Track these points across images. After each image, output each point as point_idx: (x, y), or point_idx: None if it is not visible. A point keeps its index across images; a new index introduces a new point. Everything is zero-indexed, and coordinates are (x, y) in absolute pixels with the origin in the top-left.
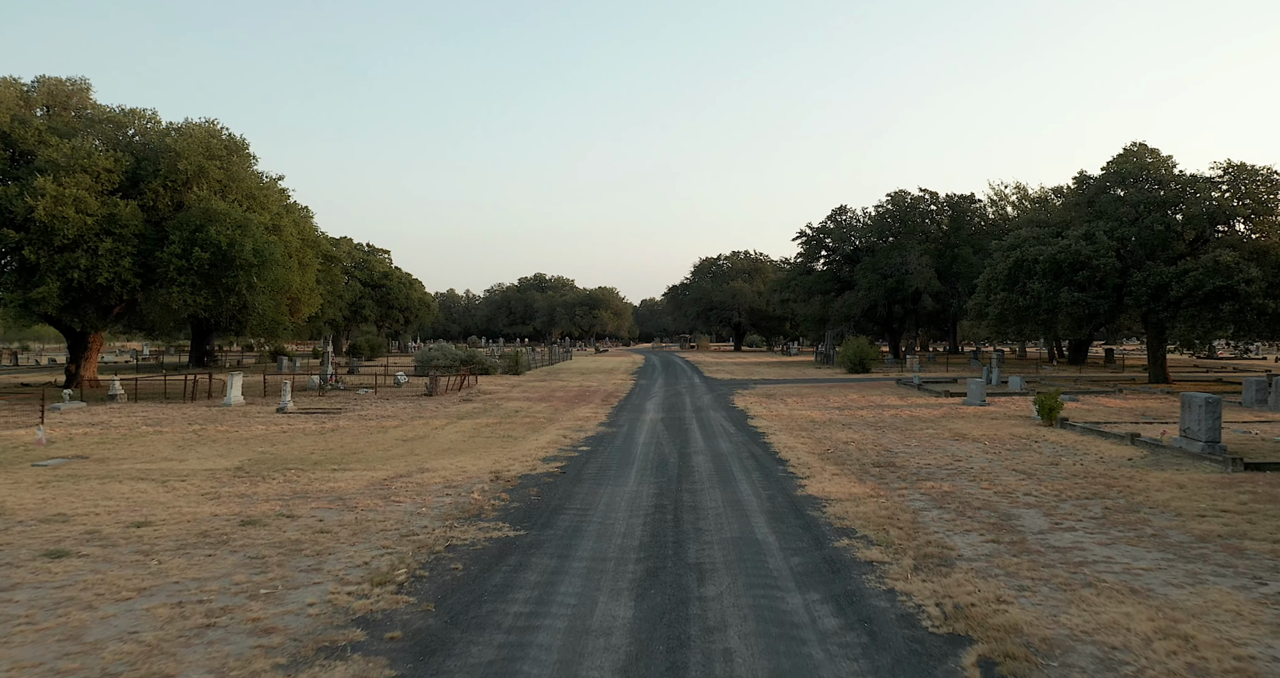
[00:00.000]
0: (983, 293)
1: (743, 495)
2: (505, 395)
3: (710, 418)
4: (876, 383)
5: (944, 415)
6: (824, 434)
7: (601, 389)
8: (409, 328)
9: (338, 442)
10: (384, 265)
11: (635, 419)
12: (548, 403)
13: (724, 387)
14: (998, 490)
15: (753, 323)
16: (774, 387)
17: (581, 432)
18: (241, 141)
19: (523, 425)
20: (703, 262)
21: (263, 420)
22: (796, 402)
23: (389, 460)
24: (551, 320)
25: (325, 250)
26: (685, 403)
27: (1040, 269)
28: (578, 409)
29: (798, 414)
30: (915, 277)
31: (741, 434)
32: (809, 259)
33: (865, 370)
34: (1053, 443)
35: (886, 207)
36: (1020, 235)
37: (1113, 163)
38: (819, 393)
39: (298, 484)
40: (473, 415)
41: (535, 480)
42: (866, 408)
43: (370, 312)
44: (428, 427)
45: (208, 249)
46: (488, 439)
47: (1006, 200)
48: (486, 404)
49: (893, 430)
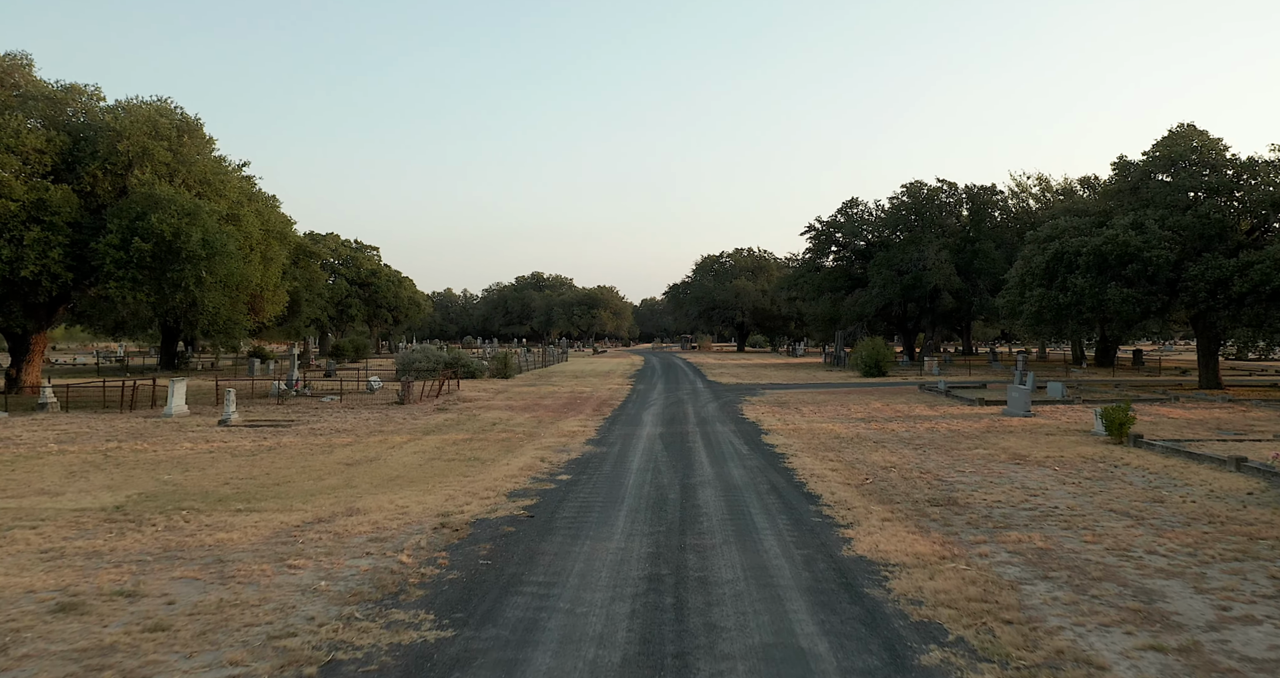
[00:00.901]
0: (1015, 289)
1: (769, 558)
2: (486, 403)
3: (717, 433)
4: (897, 388)
5: (988, 430)
6: (855, 456)
7: (594, 396)
8: (399, 328)
9: (266, 466)
10: (372, 263)
11: (630, 435)
12: (532, 413)
13: (730, 393)
14: (1109, 546)
15: (757, 322)
16: (785, 393)
17: (565, 452)
18: (195, 122)
19: (496, 443)
20: (705, 259)
21: (195, 436)
22: (813, 411)
23: (315, 496)
24: (549, 320)
25: (299, 244)
26: (688, 413)
27: (1083, 262)
28: (565, 421)
29: (818, 428)
30: (933, 273)
31: (756, 456)
32: (818, 255)
33: (881, 374)
34: (1138, 469)
35: (901, 198)
36: (1058, 225)
37: (1159, 146)
38: (836, 400)
39: (178, 535)
40: (442, 430)
41: (492, 530)
42: (895, 419)
43: (357, 311)
44: (384, 445)
45: (149, 239)
46: (449, 463)
47: (1028, 192)
48: (462, 414)
49: (935, 450)
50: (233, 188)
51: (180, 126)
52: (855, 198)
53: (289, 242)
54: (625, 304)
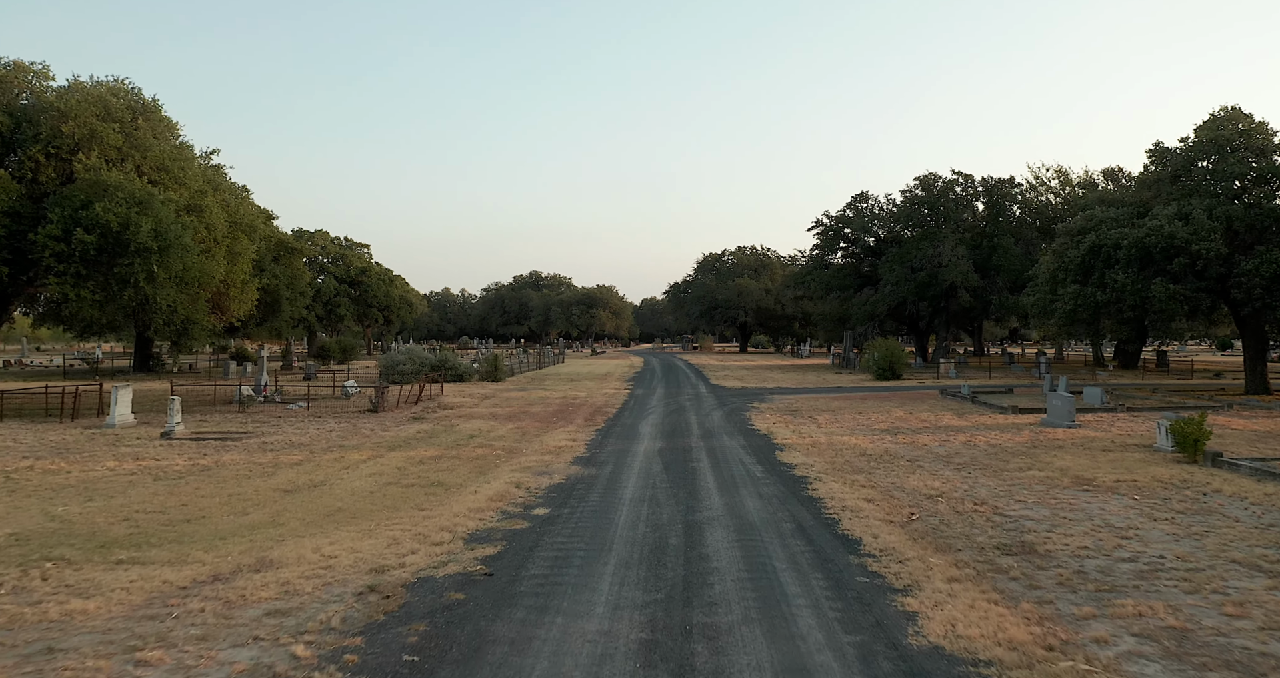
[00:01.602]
0: (1046, 286)
1: (810, 649)
2: (469, 412)
3: (725, 450)
4: (916, 394)
5: (1033, 444)
6: (890, 480)
7: (589, 402)
8: (391, 328)
9: (188, 494)
10: (363, 260)
11: (624, 452)
12: (517, 423)
13: (736, 398)
14: (1263, 624)
15: (760, 322)
16: (795, 399)
17: (547, 474)
18: (153, 104)
19: (469, 463)
20: (706, 257)
21: (126, 453)
22: (830, 421)
23: (226, 539)
24: (547, 320)
25: (281, 239)
26: (690, 424)
27: (1124, 256)
28: (552, 434)
29: (839, 442)
30: (949, 269)
31: (772, 480)
32: (826, 251)
33: (896, 377)
34: (1235, 498)
35: (914, 192)
36: (1094, 216)
37: (1201, 130)
38: (853, 408)
39: (20, 602)
40: (410, 444)
41: (434, 597)
42: (924, 431)
43: (346, 310)
44: (337, 465)
45: (93, 230)
46: (407, 490)
47: (1046, 185)
48: (439, 425)
49: (982, 472)
50: (194, 176)
51: (135, 108)
52: (865, 192)
53: (260, 235)
54: (625, 304)
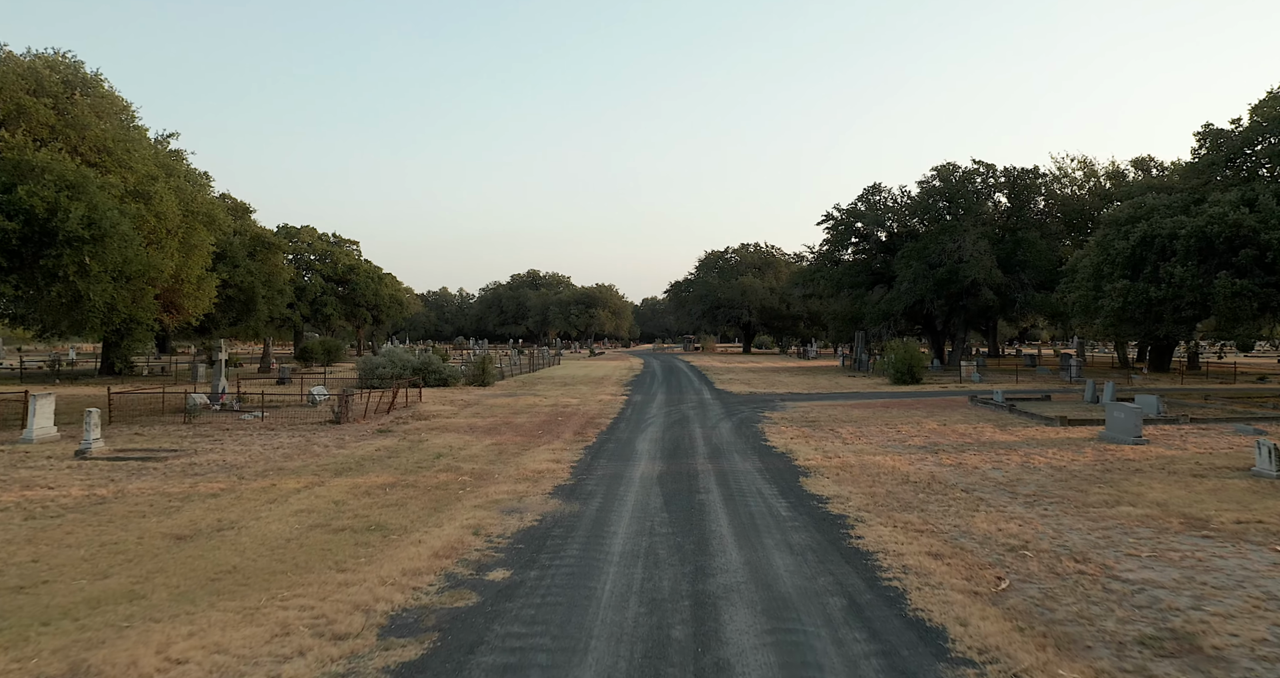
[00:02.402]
0: (1089, 281)
1: None
2: (445, 423)
3: (737, 475)
4: (942, 400)
5: (1102, 466)
6: (952, 521)
7: (581, 412)
8: (382, 328)
9: (53, 541)
10: (351, 258)
11: (617, 478)
12: (496, 438)
13: (744, 406)
14: None
15: (764, 322)
16: (811, 406)
17: (517, 512)
18: (95, 78)
19: (425, 495)
20: (708, 255)
21: (20, 477)
22: (855, 435)
23: (51, 624)
24: (545, 320)
25: (257, 234)
26: (695, 439)
27: (1181, 247)
28: (534, 452)
29: (872, 463)
30: (971, 265)
31: (803, 521)
32: (836, 247)
33: (915, 381)
34: None
35: (931, 183)
36: (1144, 204)
37: (1258, 110)
38: (877, 417)
39: None
40: (363, 467)
41: None
42: (967, 448)
43: (333, 309)
44: (262, 498)
45: (16, 217)
46: (333, 537)
47: (1071, 177)
48: (405, 440)
49: (1059, 507)
50: (143, 159)
51: (72, 82)
52: (878, 183)
53: (231, 229)
54: (625, 303)
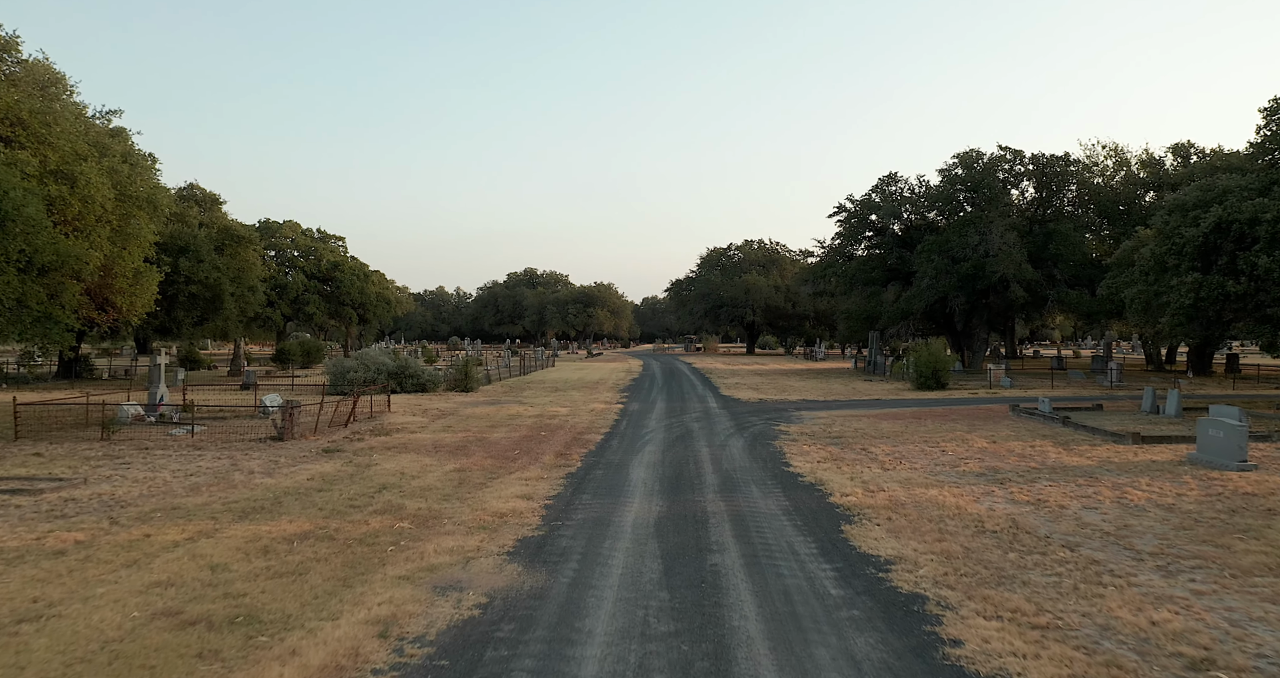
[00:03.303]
0: (1149, 274)
1: None
2: (408, 438)
3: (760, 521)
4: (977, 410)
5: (1221, 505)
6: (1078, 606)
7: (569, 424)
8: (369, 328)
9: None
10: (335, 254)
11: (602, 526)
12: (461, 461)
13: (755, 416)
14: None
15: (768, 321)
16: (830, 416)
17: (455, 590)
18: (10, 40)
19: (341, 554)
20: (711, 253)
21: None
22: (893, 456)
23: None
24: (542, 320)
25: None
26: (701, 463)
27: (1265, 234)
28: (500, 484)
29: (927, 498)
30: (999, 260)
31: (863, 610)
32: (849, 241)
33: (941, 386)
34: None
35: (953, 171)
36: (1214, 186)
37: None
38: (912, 432)
39: None
40: (281, 505)
41: None
42: (1036, 475)
43: (316, 308)
44: (119, 558)
45: None
46: (172, 639)
47: (1101, 165)
48: (352, 463)
49: (1210, 575)
50: (69, 135)
51: None
52: (894, 173)
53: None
54: (624, 302)
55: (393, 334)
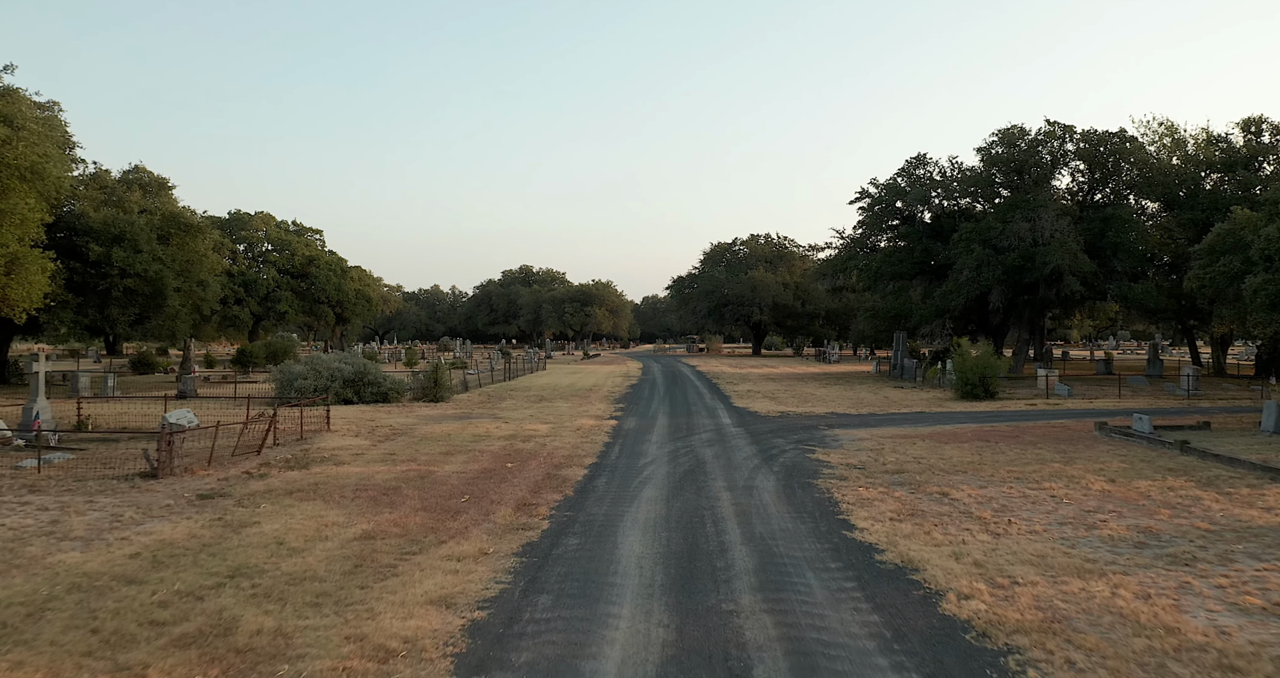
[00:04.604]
0: (1270, 262)
1: None
2: (324, 477)
3: (836, 656)
4: (1051, 428)
5: None
6: None
7: (546, 451)
8: (349, 327)
9: None
10: (312, 248)
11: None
12: (378, 517)
13: (780, 437)
14: None
15: (776, 321)
16: (873, 437)
17: None
18: None
19: None
20: (714, 248)
21: None
22: (987, 506)
23: None
24: (537, 319)
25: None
26: (723, 522)
27: None
28: (415, 573)
29: (1092, 601)
30: (1052, 250)
31: None
32: (872, 230)
33: (990, 396)
34: None
35: (994, 149)
36: None
37: None
38: (989, 463)
39: None
40: (19, 629)
41: None
42: (1226, 547)
43: (288, 306)
44: None
45: None
46: None
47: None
48: (217, 522)
49: None
50: None
51: None
52: (923, 154)
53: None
54: (623, 301)
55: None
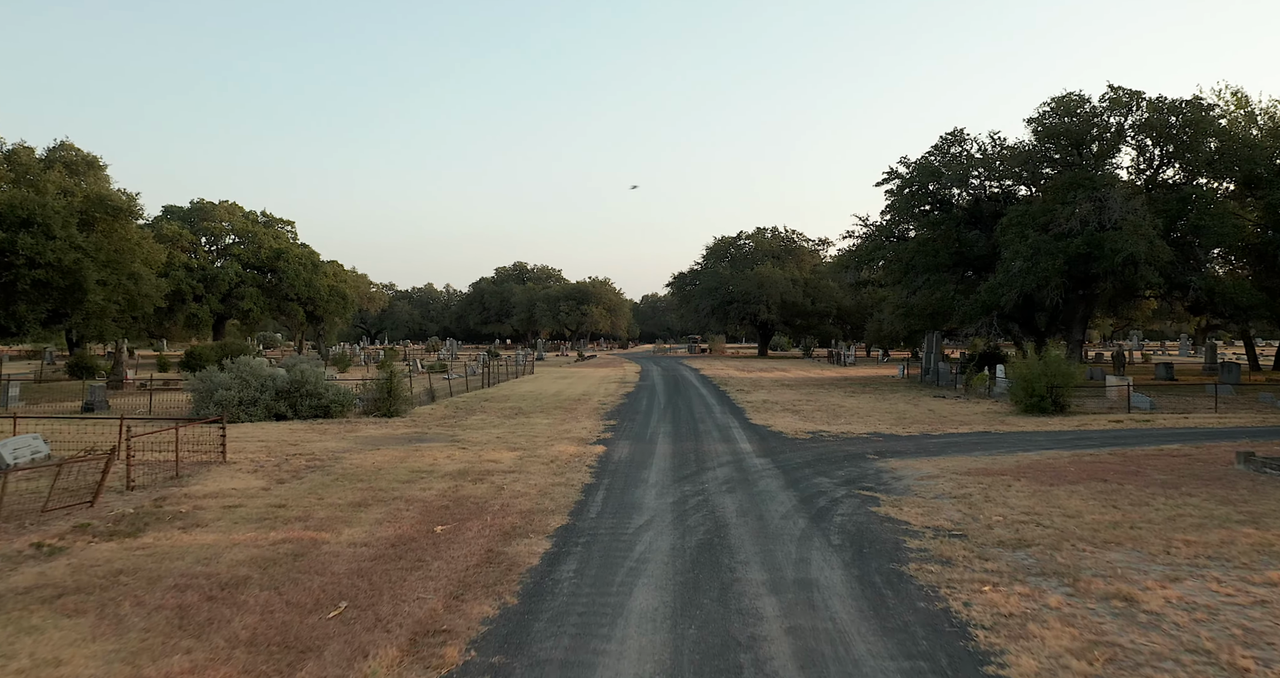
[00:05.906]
0: None
1: None
2: (149, 558)
3: None
4: (1167, 456)
5: None
6: None
7: (499, 500)
8: (324, 325)
9: None
10: (280, 241)
11: None
12: (180, 662)
13: (823, 476)
14: None
15: (784, 319)
16: (942, 471)
17: None
18: None
19: None
20: (718, 242)
21: None
22: (1201, 622)
23: None
24: (531, 318)
25: (93, 195)
26: (777, 677)
27: None
28: None
29: None
30: (1125, 236)
31: None
32: (901, 216)
33: (1060, 409)
34: None
35: (1046, 121)
36: None
37: None
38: (1139, 520)
39: None
40: None
41: None
42: None
43: (253, 303)
44: None
45: None
46: None
47: (1232, 115)
48: None
49: None
50: None
51: None
52: (960, 130)
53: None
54: (622, 300)
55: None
